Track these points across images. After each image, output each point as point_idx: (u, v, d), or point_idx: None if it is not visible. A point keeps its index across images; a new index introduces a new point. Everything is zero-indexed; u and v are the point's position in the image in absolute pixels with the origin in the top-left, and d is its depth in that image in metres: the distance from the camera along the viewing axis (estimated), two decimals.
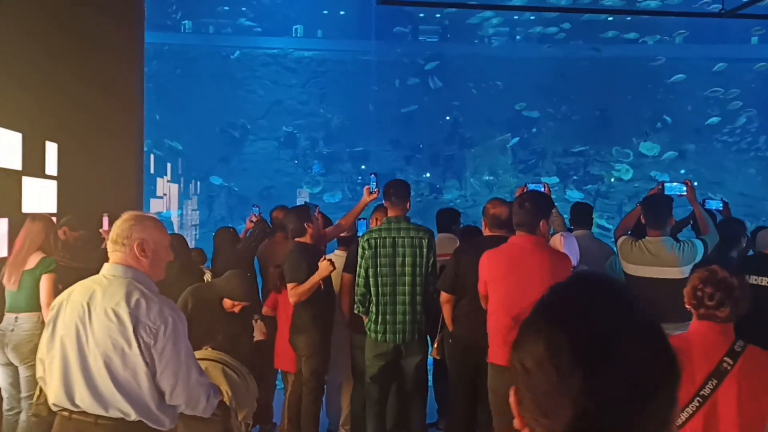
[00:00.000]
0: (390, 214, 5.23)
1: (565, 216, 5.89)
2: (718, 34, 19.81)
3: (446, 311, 5.05)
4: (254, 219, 6.45)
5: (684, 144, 19.77)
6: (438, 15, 22.28)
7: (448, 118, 21.04)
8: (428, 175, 21.04)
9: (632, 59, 20.55)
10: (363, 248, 5.15)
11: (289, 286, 5.08)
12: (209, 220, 18.93)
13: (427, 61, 20.96)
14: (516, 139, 20.49)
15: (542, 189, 5.37)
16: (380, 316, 5.10)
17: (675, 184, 5.47)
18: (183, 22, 20.76)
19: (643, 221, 5.18)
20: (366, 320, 5.21)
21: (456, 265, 4.91)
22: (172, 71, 19.73)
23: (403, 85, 20.70)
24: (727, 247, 5.45)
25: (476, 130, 20.52)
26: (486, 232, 4.96)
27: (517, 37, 21.84)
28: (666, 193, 5.34)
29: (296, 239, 5.30)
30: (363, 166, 20.77)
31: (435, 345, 5.57)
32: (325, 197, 19.89)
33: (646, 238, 5.17)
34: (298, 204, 6.56)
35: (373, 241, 5.10)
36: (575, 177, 19.95)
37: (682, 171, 19.47)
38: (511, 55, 20.84)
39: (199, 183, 18.73)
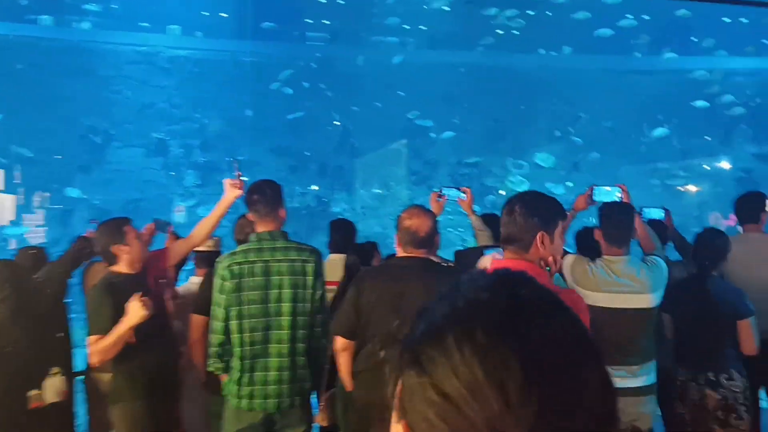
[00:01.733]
0: (258, 229, 3.70)
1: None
2: (605, 47, 19.69)
3: (342, 363, 3.60)
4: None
5: (579, 154, 19.34)
6: (327, 21, 20.99)
7: (337, 123, 19.62)
8: (316, 187, 19.52)
9: (525, 68, 20.05)
10: (221, 278, 3.59)
11: (89, 340, 3.43)
12: (63, 238, 16.45)
13: (315, 65, 19.50)
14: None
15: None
16: (245, 375, 3.55)
17: (607, 188, 4.31)
18: (36, 11, 18.21)
19: (597, 236, 4.03)
20: (225, 380, 3.66)
21: (356, 297, 3.45)
22: (12, 66, 17.17)
23: (289, 89, 19.07)
24: (710, 265, 4.33)
25: (367, 139, 19.24)
26: (399, 252, 3.51)
27: (409, 39, 20.82)
28: (595, 198, 4.26)
29: (110, 268, 3.66)
30: (245, 178, 18.91)
31: (321, 405, 4.10)
32: (200, 211, 17.88)
33: (605, 257, 3.96)
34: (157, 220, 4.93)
35: (236, 267, 3.54)
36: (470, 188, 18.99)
37: (570, 183, 19.00)
38: (405, 60, 19.79)
39: (49, 195, 16.21)
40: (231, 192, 4.04)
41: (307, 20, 21.41)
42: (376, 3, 20.42)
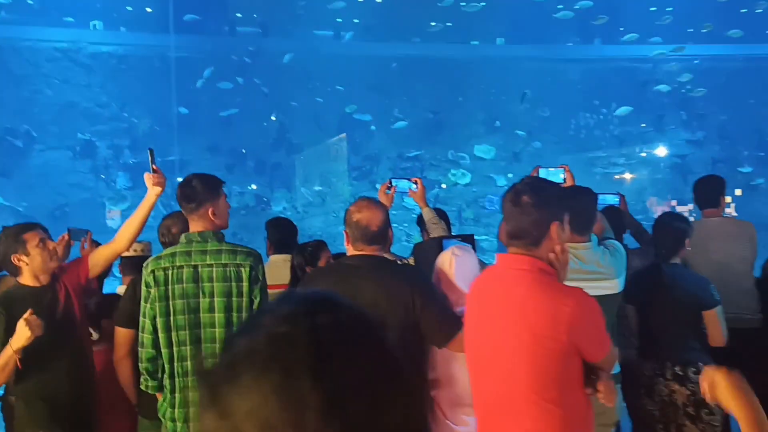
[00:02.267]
0: (192, 228, 3.28)
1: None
2: (538, 36, 19.70)
3: None
4: None
5: (519, 145, 19.32)
6: (255, 15, 20.38)
7: (273, 118, 19.06)
8: (254, 186, 18.92)
9: (461, 60, 19.91)
10: (145, 285, 3.15)
11: None
12: None
13: (248, 59, 18.88)
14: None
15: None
16: (178, 395, 3.13)
17: (551, 169, 4.24)
18: None
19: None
20: (160, 400, 3.27)
21: None
22: None
23: (225, 84, 18.36)
24: (671, 252, 4.09)
25: (305, 135, 18.76)
26: (349, 251, 3.14)
27: (343, 33, 20.39)
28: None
29: (17, 281, 3.21)
30: (178, 178, 18.21)
31: None
32: None
33: (568, 245, 3.67)
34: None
35: (160, 273, 3.11)
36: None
37: (511, 174, 18.97)
38: (339, 52, 19.37)
39: None
40: (151, 189, 3.56)
41: (237, 14, 20.76)
42: None
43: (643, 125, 19.24)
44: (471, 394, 3.25)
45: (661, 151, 18.90)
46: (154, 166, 3.50)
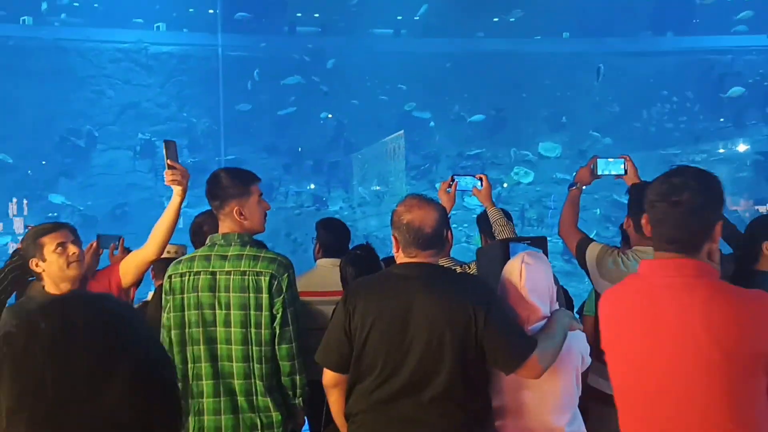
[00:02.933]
0: (220, 230, 2.87)
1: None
2: (607, 29, 18.82)
3: (333, 402, 2.77)
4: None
5: (586, 142, 18.45)
6: (316, 15, 20.16)
7: (330, 116, 18.73)
8: (312, 186, 18.66)
9: (524, 54, 19.16)
10: (164, 293, 2.76)
11: None
12: None
13: (308, 58, 18.62)
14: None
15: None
16: (196, 420, 2.71)
17: (611, 159, 3.80)
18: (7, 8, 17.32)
19: (628, 225, 3.43)
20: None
21: (346, 318, 2.62)
22: None
23: (279, 83, 18.17)
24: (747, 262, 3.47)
25: (363, 134, 18.37)
26: (398, 258, 2.66)
27: (402, 30, 19.92)
28: (599, 172, 3.78)
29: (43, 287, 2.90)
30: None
31: None
32: (191, 213, 17.04)
33: (637, 248, 3.29)
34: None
35: (177, 280, 2.70)
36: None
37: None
38: (398, 49, 18.92)
39: (27, 203, 15.29)
40: (174, 188, 3.16)
41: (297, 14, 20.60)
42: None
43: (722, 120, 18.09)
44: (543, 427, 2.73)
45: (742, 147, 17.72)
46: (169, 161, 3.06)
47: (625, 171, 3.70)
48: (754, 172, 16.65)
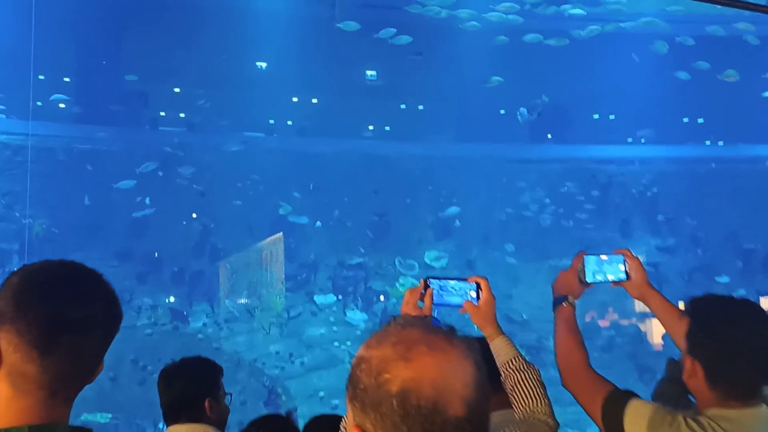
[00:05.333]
0: None
1: None
2: (489, 134, 18.45)
3: None
4: None
5: (471, 251, 17.37)
6: (181, 114, 18.57)
7: (194, 215, 16.66)
8: (171, 298, 16.21)
9: (408, 157, 18.27)
10: None
11: None
12: None
13: (170, 149, 16.62)
14: None
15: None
16: None
17: (603, 257, 2.65)
18: None
19: (690, 375, 2.14)
20: None
21: None
22: None
23: (136, 178, 15.96)
24: None
25: (231, 239, 16.37)
26: None
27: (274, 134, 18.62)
28: (589, 279, 2.57)
29: None
30: None
31: None
32: None
33: (712, 411, 2.08)
34: None
35: None
36: (355, 294, 16.46)
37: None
38: (273, 146, 17.44)
39: None
40: None
41: (161, 113, 18.89)
42: (237, 95, 18.11)
43: (607, 232, 17.69)
44: None
45: None
46: None
47: (627, 275, 2.57)
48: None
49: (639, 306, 14.79)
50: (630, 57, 16.22)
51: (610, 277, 2.59)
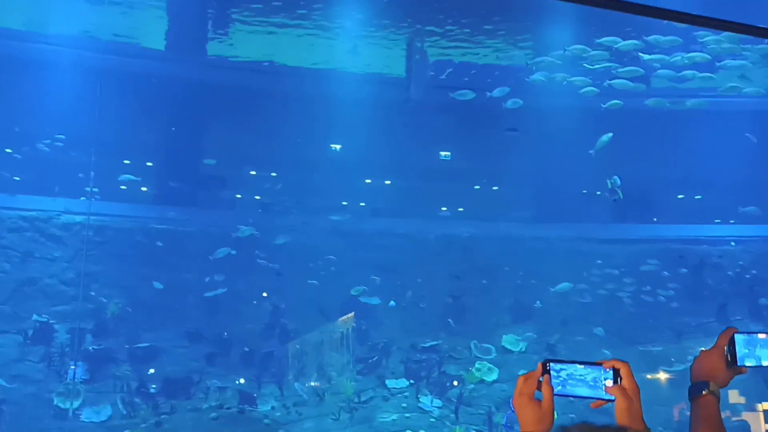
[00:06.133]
0: None
1: None
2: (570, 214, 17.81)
3: None
4: None
5: (553, 335, 16.35)
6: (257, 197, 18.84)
7: (265, 294, 16.45)
8: (241, 380, 15.81)
9: (484, 238, 17.73)
10: None
11: None
12: None
13: (240, 231, 16.66)
14: None
15: None
16: None
17: (761, 336, 2.16)
18: None
19: None
20: None
21: None
22: None
23: (206, 258, 15.99)
24: None
25: (302, 320, 16.02)
26: None
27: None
28: (740, 362, 2.11)
29: None
30: (151, 370, 15.25)
31: None
32: (84, 414, 13.90)
33: None
34: None
35: None
36: (428, 379, 15.64)
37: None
38: (345, 228, 17.29)
39: None
40: None
41: (237, 195, 19.23)
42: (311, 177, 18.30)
43: (703, 317, 16.36)
44: None
45: None
46: None
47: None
48: (749, 374, 14.63)
49: None
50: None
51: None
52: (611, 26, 14.82)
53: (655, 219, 18.07)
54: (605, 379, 1.88)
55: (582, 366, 1.92)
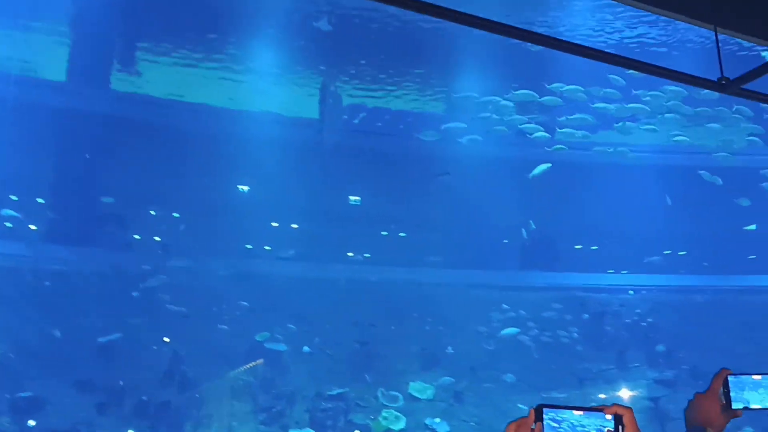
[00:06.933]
0: None
1: None
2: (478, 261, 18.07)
3: None
4: None
5: (461, 383, 16.29)
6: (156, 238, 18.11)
7: (166, 339, 15.66)
8: None
9: (393, 283, 17.68)
10: None
11: None
12: None
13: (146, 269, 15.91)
14: None
15: None
16: None
17: (756, 377, 2.17)
18: None
19: None
20: None
21: None
22: None
23: (104, 304, 15.13)
24: None
25: (202, 367, 15.29)
26: None
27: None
28: (735, 406, 2.11)
29: None
30: (32, 422, 14.09)
31: None
32: None
33: None
34: None
35: None
36: (334, 428, 15.19)
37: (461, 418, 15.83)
38: (250, 270, 16.80)
39: None
40: None
41: (135, 236, 18.35)
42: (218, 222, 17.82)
43: (603, 364, 16.74)
44: None
45: (625, 393, 16.22)
46: None
47: None
48: (647, 420, 14.99)
49: None
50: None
51: None
52: (522, 75, 15.35)
53: (558, 268, 18.56)
54: (604, 427, 1.69)
55: (580, 413, 1.72)
